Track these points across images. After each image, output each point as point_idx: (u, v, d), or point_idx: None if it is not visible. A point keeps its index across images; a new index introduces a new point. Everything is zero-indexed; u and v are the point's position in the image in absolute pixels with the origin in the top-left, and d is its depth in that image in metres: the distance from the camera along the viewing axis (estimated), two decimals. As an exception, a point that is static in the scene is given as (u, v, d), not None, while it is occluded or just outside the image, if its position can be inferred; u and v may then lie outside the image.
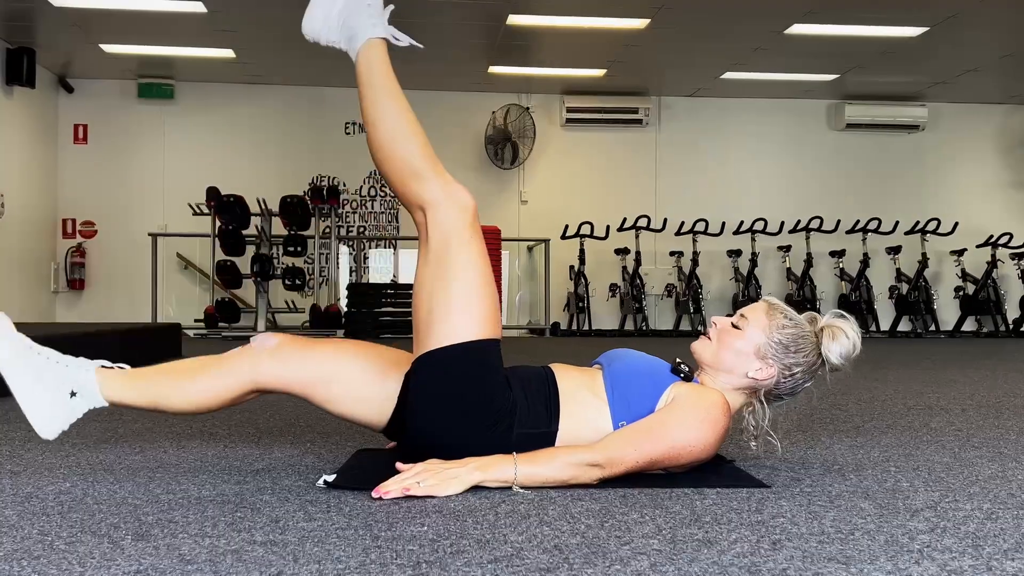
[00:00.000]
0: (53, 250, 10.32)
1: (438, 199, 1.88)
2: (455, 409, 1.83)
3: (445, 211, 1.88)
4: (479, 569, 1.24)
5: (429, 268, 1.89)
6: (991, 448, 2.36)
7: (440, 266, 1.87)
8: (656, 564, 1.27)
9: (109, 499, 1.68)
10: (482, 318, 1.86)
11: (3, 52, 9.02)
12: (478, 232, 1.91)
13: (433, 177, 1.89)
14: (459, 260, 1.86)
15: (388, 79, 1.96)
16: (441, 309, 1.86)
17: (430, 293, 1.88)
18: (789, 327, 1.95)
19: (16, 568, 1.24)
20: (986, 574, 1.24)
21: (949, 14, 7.95)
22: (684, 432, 1.80)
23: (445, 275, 1.87)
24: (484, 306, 1.87)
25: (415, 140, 1.92)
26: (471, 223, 1.89)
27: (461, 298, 1.85)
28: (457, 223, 1.88)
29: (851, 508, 1.64)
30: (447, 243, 1.87)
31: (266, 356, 1.88)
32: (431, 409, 1.84)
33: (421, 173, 1.90)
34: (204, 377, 1.89)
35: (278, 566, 1.25)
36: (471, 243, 1.88)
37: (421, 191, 1.90)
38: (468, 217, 1.89)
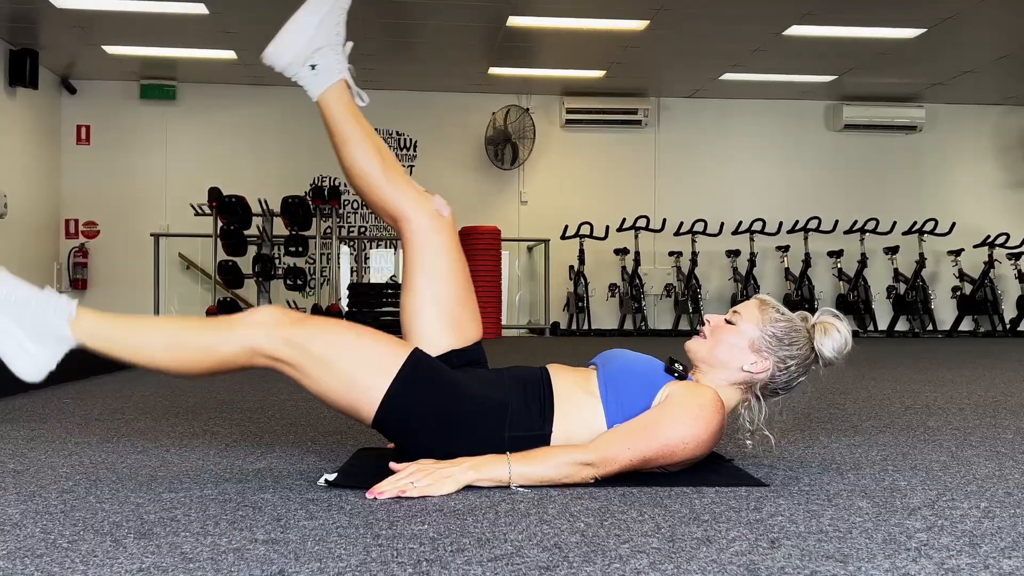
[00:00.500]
0: (56, 250, 10.32)
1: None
2: (436, 427, 1.83)
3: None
4: (479, 567, 1.24)
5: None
6: (988, 447, 2.36)
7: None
8: (655, 562, 1.28)
9: (112, 498, 1.68)
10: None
11: (6, 53, 9.02)
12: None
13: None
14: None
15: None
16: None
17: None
18: (781, 321, 1.96)
19: (19, 566, 1.24)
20: (983, 572, 1.24)
21: (946, 16, 7.95)
22: (677, 429, 1.80)
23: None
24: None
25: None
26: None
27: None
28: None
29: (849, 507, 1.64)
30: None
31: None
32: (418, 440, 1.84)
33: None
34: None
35: (279, 564, 1.25)
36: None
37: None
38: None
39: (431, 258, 2.00)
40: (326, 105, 2.06)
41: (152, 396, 3.35)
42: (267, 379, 3.94)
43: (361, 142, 2.04)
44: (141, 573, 1.21)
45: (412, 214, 2.01)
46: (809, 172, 11.29)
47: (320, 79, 2.05)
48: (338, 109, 2.05)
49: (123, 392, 3.50)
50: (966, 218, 11.03)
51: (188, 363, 1.82)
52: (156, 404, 3.17)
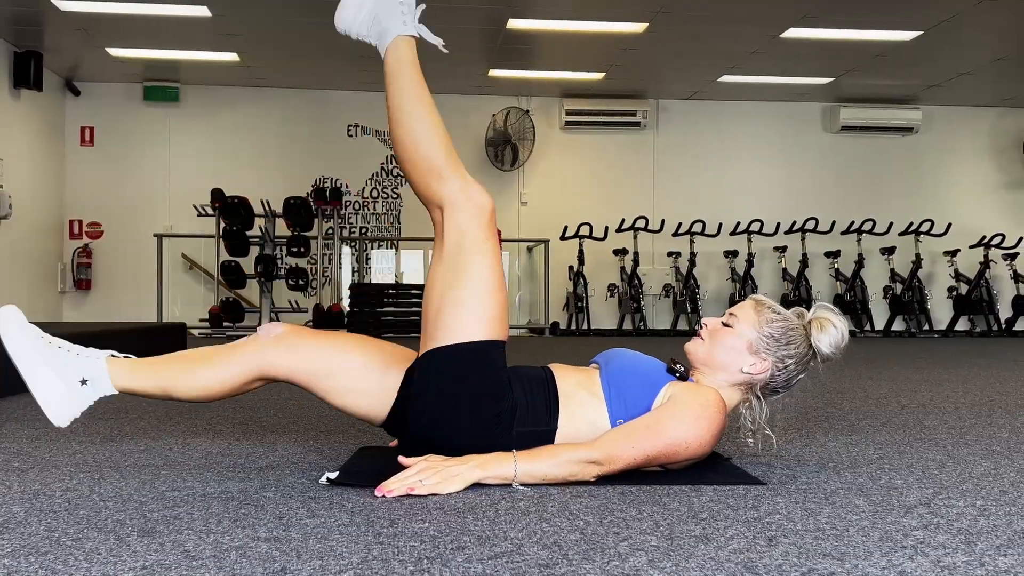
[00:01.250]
0: (60, 251, 10.32)
1: (456, 199, 1.88)
2: (457, 406, 1.83)
3: (462, 211, 1.88)
4: (479, 565, 1.24)
5: (443, 266, 1.88)
6: (983, 446, 2.36)
7: (453, 265, 1.87)
8: (654, 560, 1.28)
9: (115, 496, 1.68)
10: (490, 319, 1.86)
11: (11, 56, 9.02)
12: (494, 234, 1.91)
13: (453, 178, 1.90)
14: (472, 261, 1.86)
15: (415, 78, 1.96)
16: (450, 308, 1.85)
17: (441, 291, 1.87)
18: (778, 320, 1.96)
19: (23, 564, 1.24)
20: (979, 570, 1.24)
21: (943, 18, 7.95)
22: (680, 429, 1.81)
23: (457, 275, 1.86)
24: (493, 308, 1.86)
25: (438, 140, 1.92)
26: (487, 224, 1.89)
27: (471, 298, 1.85)
28: (473, 224, 1.88)
29: (846, 505, 1.64)
30: (462, 243, 1.87)
31: (272, 345, 1.87)
32: (434, 404, 1.84)
33: (441, 173, 1.90)
34: (211, 365, 1.89)
35: (281, 562, 1.25)
36: (485, 244, 1.88)
37: (440, 190, 1.90)
38: (485, 218, 1.89)
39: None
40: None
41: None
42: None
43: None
44: (144, 571, 1.21)
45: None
46: (806, 173, 11.29)
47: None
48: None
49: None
50: (962, 219, 11.03)
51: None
52: (159, 403, 3.17)
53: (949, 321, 10.81)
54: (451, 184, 1.89)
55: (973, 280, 10.66)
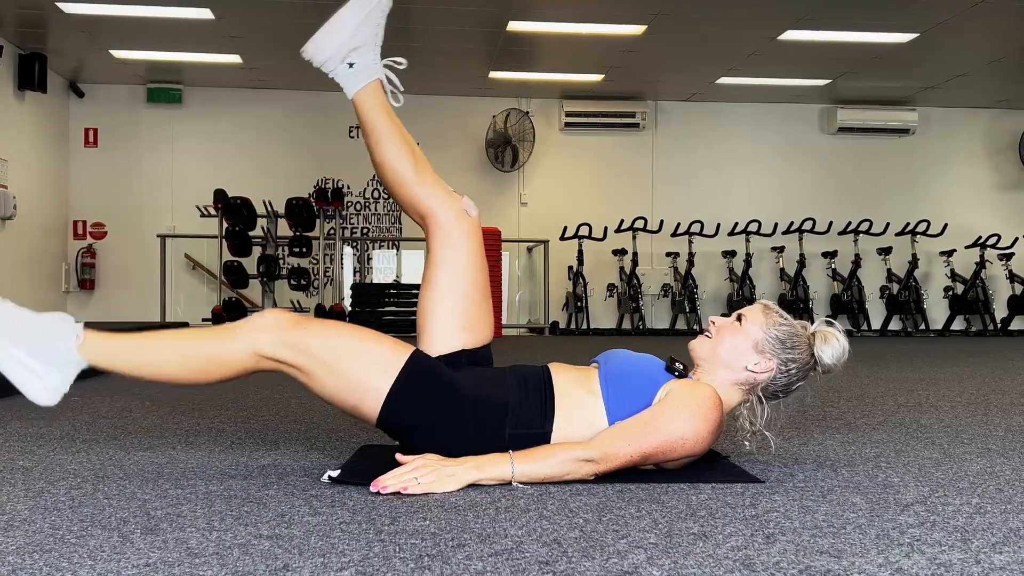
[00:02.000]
0: (64, 251, 10.32)
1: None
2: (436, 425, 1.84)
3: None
4: (480, 562, 1.24)
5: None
6: (979, 444, 2.36)
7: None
8: (652, 557, 1.27)
9: (119, 494, 1.68)
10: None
11: (15, 58, 9.02)
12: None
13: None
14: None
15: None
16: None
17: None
18: (784, 325, 1.97)
19: (28, 561, 1.24)
20: (975, 567, 1.24)
21: (938, 21, 7.95)
22: (677, 425, 1.80)
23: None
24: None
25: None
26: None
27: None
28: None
29: (843, 503, 1.64)
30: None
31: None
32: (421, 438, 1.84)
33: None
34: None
35: (284, 559, 1.25)
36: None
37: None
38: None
39: (454, 257, 2.01)
40: (361, 103, 2.06)
41: (159, 394, 3.35)
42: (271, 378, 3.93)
43: (394, 140, 2.05)
44: (148, 568, 1.21)
45: (440, 213, 2.02)
46: (804, 174, 11.29)
47: (357, 78, 2.05)
48: (372, 108, 2.05)
49: (130, 390, 3.50)
50: (958, 219, 11.03)
51: (196, 373, 1.83)
52: (163, 402, 3.17)
53: (945, 321, 10.81)
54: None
55: (969, 280, 10.67)
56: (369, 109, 2.05)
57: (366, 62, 2.05)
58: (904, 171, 11.37)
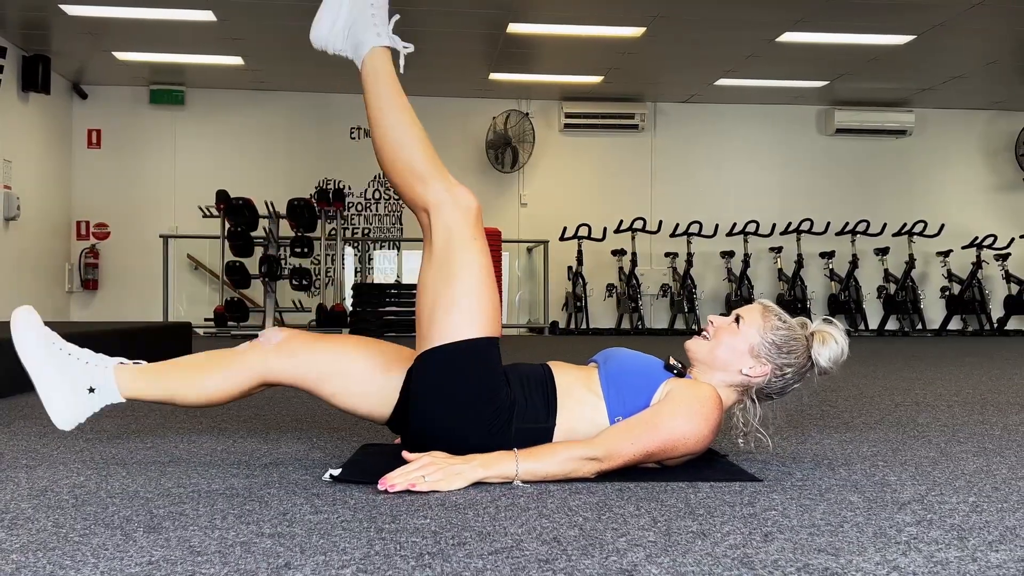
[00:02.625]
0: (67, 251, 10.32)
1: (441, 201, 1.88)
2: (456, 404, 1.83)
3: (448, 213, 1.87)
4: (480, 560, 1.24)
5: (432, 268, 1.88)
6: (976, 443, 2.36)
7: (443, 266, 1.86)
8: (651, 555, 1.27)
9: (122, 492, 1.68)
10: (482, 317, 1.85)
11: (19, 60, 9.02)
12: (481, 233, 1.90)
13: (436, 180, 1.89)
14: (461, 261, 1.86)
15: (392, 88, 1.97)
16: (443, 308, 1.85)
17: (433, 293, 1.87)
18: (782, 328, 1.96)
19: (31, 559, 1.24)
20: (971, 565, 1.24)
21: (935, 23, 7.95)
22: (679, 424, 1.81)
23: (447, 275, 1.86)
24: (484, 306, 1.86)
25: (419, 146, 1.92)
26: (474, 224, 1.89)
27: (462, 298, 1.84)
28: (460, 224, 1.87)
29: (840, 501, 1.64)
30: (450, 244, 1.86)
31: (274, 351, 1.90)
32: (433, 404, 1.84)
33: (424, 177, 1.90)
34: (215, 372, 1.91)
35: (285, 557, 1.25)
36: (473, 244, 1.87)
37: (425, 194, 1.89)
38: (471, 218, 1.88)
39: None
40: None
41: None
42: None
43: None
44: (151, 566, 1.21)
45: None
46: (801, 175, 11.29)
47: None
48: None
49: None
50: (954, 220, 11.03)
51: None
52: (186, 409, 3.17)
53: (942, 320, 10.81)
54: (435, 187, 1.89)
55: (965, 280, 10.67)
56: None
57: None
58: (901, 172, 11.37)
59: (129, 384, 1.89)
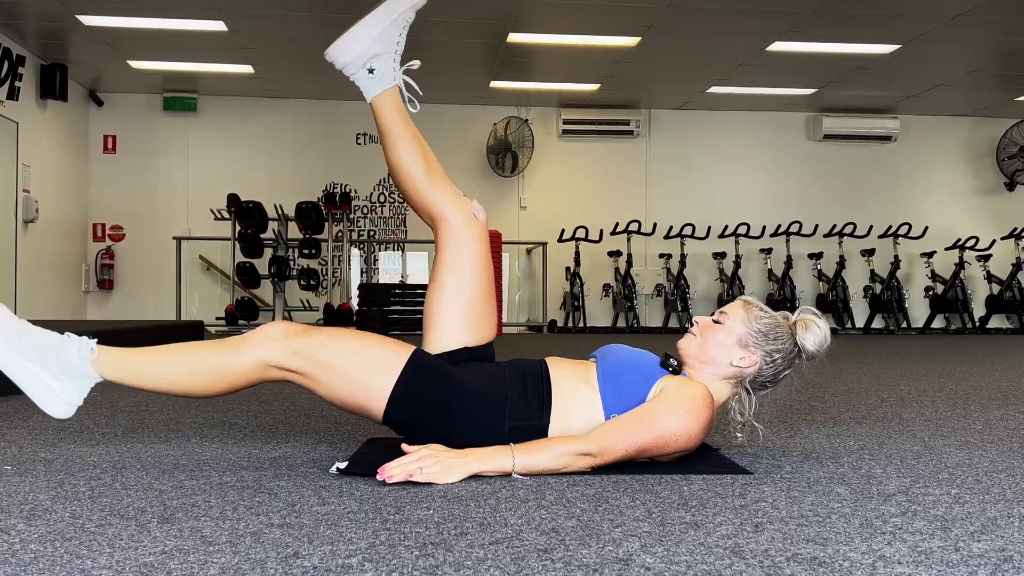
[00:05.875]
0: (84, 252, 10.32)
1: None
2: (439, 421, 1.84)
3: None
4: (481, 550, 1.24)
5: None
6: (958, 437, 2.36)
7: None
8: (646, 545, 1.27)
9: (136, 485, 1.68)
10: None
11: (37, 68, 9.02)
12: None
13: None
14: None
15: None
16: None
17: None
18: (766, 318, 1.97)
19: (50, 549, 1.24)
20: (954, 554, 1.24)
21: (919, 33, 7.95)
22: (671, 422, 1.80)
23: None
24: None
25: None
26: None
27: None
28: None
29: (828, 493, 1.64)
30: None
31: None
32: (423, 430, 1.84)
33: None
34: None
35: (294, 547, 1.25)
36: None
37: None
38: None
39: (461, 259, 2.00)
40: (379, 108, 2.07)
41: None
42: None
43: (408, 145, 2.06)
44: (164, 555, 1.21)
45: (449, 215, 2.02)
46: (791, 179, 11.29)
47: (376, 83, 2.05)
48: (389, 112, 2.06)
49: (147, 385, 3.50)
50: (938, 222, 11.03)
51: (206, 385, 1.83)
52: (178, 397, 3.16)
53: (926, 319, 10.81)
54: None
55: (948, 280, 10.67)
56: (386, 114, 2.06)
57: (385, 69, 2.05)
58: (887, 177, 11.37)
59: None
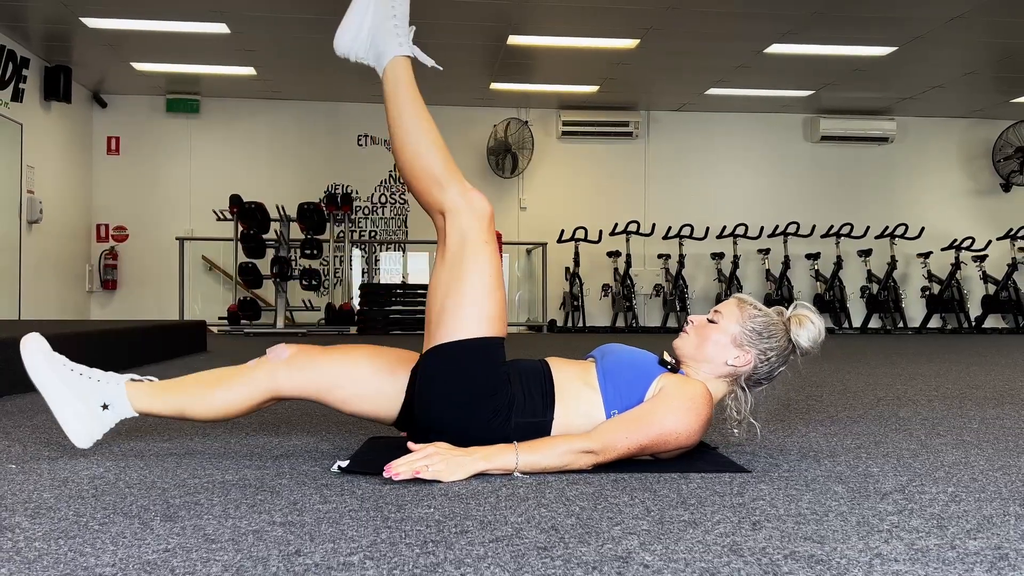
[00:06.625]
0: (88, 253, 10.32)
1: (457, 206, 1.91)
2: (459, 399, 1.83)
3: (463, 217, 1.90)
4: (481, 548, 1.24)
5: (445, 268, 1.90)
6: (955, 436, 2.36)
7: (455, 267, 1.88)
8: (645, 543, 1.27)
9: (140, 483, 1.68)
10: (489, 318, 1.87)
11: (42, 70, 9.02)
12: (492, 236, 1.93)
13: (453, 185, 1.92)
14: (473, 262, 1.88)
15: (412, 96, 1.99)
16: (452, 307, 1.87)
17: (444, 291, 1.89)
18: (760, 316, 1.96)
19: (54, 547, 1.24)
20: (950, 552, 1.24)
21: (916, 35, 7.95)
22: (671, 420, 1.80)
23: (459, 276, 1.87)
24: (492, 307, 1.88)
25: (437, 152, 1.94)
26: (486, 228, 1.91)
27: (471, 297, 1.86)
28: (474, 229, 1.90)
29: (825, 491, 1.64)
30: (463, 246, 1.89)
31: (282, 366, 1.90)
32: (437, 398, 1.84)
33: (441, 182, 1.93)
34: (225, 388, 1.91)
35: (296, 545, 1.25)
36: (485, 247, 1.90)
37: (442, 198, 1.92)
38: (484, 223, 1.91)
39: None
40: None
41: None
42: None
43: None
44: (167, 553, 1.21)
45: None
46: (788, 180, 11.29)
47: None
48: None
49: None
50: (934, 223, 11.04)
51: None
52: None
53: (922, 319, 10.81)
54: (451, 191, 1.92)
55: (945, 280, 10.67)
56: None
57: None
58: (883, 178, 11.38)
59: (140, 399, 1.90)
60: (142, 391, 1.90)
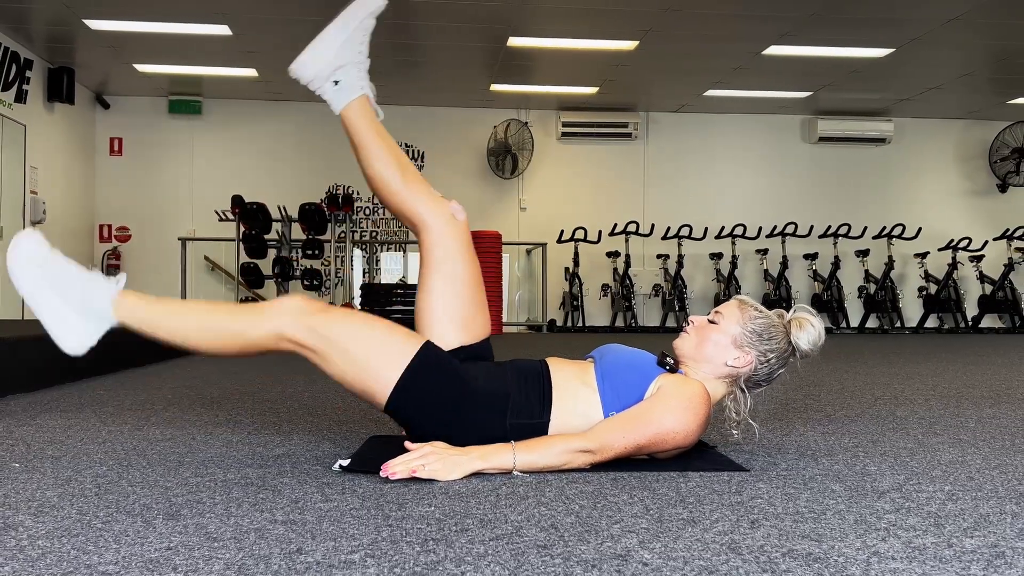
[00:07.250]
0: (91, 253, 10.32)
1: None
2: (443, 417, 1.83)
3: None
4: (482, 546, 1.24)
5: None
6: (951, 435, 2.36)
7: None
8: (644, 541, 1.27)
9: (142, 482, 1.68)
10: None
11: (45, 71, 9.02)
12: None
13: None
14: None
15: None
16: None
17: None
18: (760, 318, 1.96)
19: (57, 545, 1.24)
20: (947, 551, 1.24)
21: (913, 37, 7.95)
22: (668, 420, 1.80)
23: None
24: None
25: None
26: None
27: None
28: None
29: (823, 490, 1.64)
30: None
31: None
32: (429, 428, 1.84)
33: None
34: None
35: (297, 543, 1.25)
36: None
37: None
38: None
39: (446, 260, 1.98)
40: (348, 119, 2.04)
41: (179, 388, 3.35)
42: (285, 371, 3.93)
43: (381, 153, 2.02)
44: (169, 551, 1.21)
45: (429, 219, 2.00)
46: (786, 181, 11.30)
47: (342, 94, 2.04)
48: (359, 122, 2.03)
49: (153, 384, 3.50)
50: (931, 223, 11.04)
51: (219, 345, 1.86)
52: (183, 395, 3.17)
53: (919, 319, 10.81)
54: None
55: (942, 280, 10.67)
56: (356, 124, 2.03)
57: (351, 79, 2.04)
58: (881, 178, 11.38)
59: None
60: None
